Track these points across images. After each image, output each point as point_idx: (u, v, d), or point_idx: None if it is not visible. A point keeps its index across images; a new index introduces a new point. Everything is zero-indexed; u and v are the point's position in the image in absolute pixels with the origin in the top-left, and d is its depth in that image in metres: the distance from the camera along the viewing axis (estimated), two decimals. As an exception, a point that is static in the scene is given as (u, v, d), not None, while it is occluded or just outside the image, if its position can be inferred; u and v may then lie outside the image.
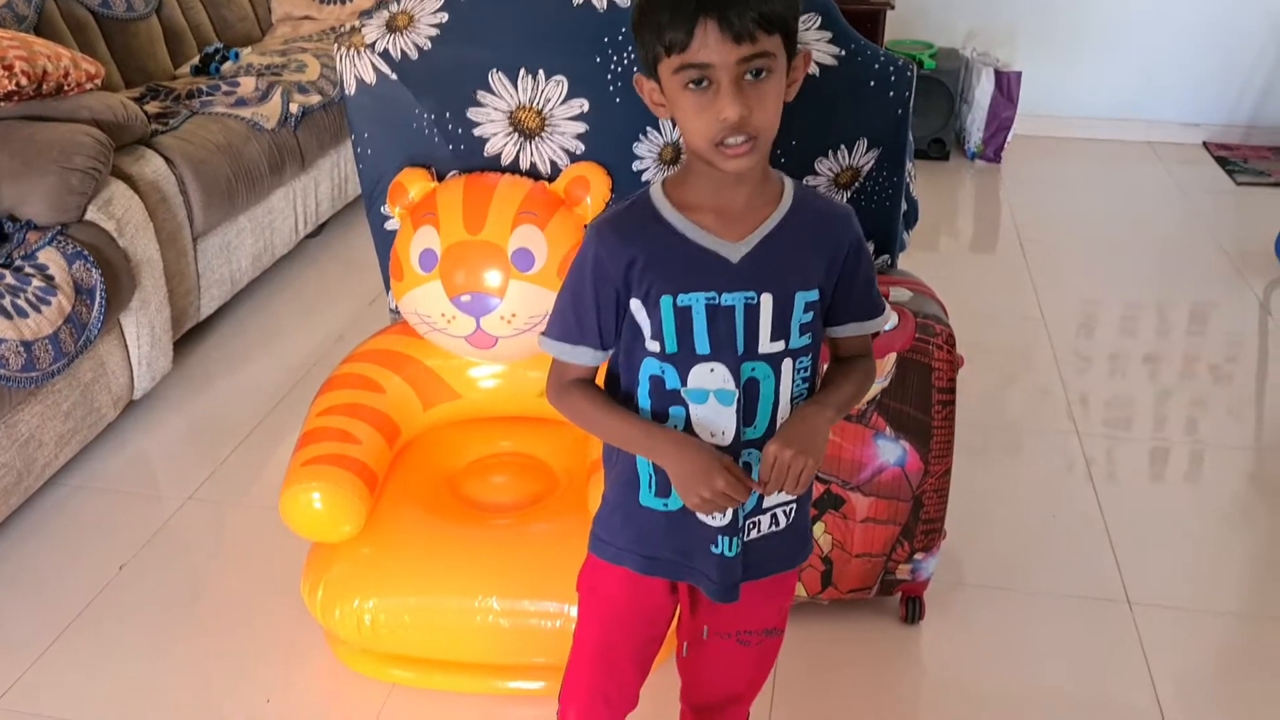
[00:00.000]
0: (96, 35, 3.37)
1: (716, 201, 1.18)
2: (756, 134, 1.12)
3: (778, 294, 1.19)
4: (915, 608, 2.00)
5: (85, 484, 2.43)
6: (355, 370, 1.99)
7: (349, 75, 1.90)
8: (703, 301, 1.17)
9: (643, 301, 1.19)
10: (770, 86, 1.12)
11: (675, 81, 1.11)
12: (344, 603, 1.76)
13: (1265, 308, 3.28)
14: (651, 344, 1.20)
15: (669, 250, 1.18)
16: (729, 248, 1.18)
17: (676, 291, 1.17)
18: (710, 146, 1.12)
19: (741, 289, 1.17)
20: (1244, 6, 4.45)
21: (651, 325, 1.19)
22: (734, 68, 1.08)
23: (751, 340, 1.19)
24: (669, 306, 1.17)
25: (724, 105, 1.09)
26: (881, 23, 4.27)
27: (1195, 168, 4.45)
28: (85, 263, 2.32)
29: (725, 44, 1.07)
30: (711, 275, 1.17)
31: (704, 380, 1.20)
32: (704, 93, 1.10)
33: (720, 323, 1.18)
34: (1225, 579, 2.18)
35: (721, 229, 1.18)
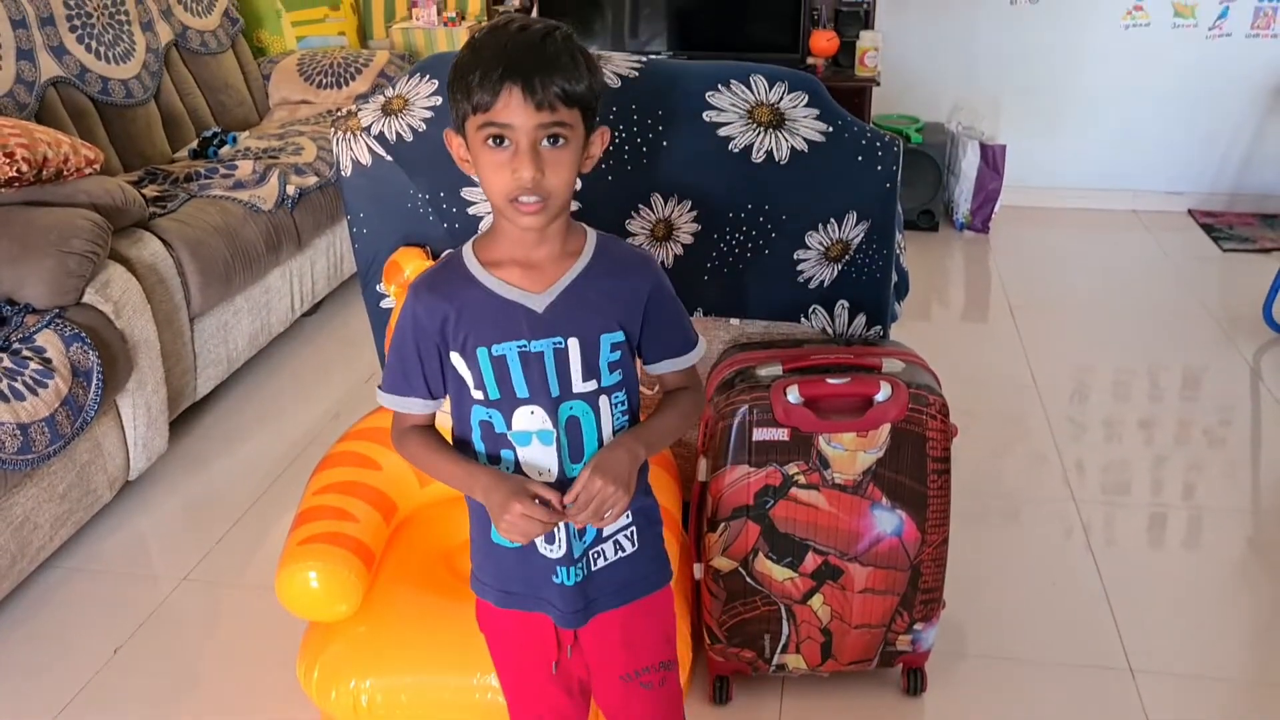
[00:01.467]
0: (96, 121, 3.43)
1: (520, 256, 1.27)
2: (548, 195, 1.20)
3: (583, 338, 1.28)
4: (917, 679, 1.99)
5: (80, 566, 2.41)
6: (351, 448, 2.00)
7: (345, 157, 1.94)
8: (515, 350, 1.26)
9: (461, 354, 1.28)
10: (565, 155, 1.21)
11: (478, 138, 1.20)
12: (340, 683, 1.74)
13: (1256, 372, 3.30)
14: (476, 392, 1.29)
15: (480, 305, 1.27)
16: (533, 299, 1.27)
17: (491, 343, 1.26)
18: (506, 202, 1.21)
19: (548, 335, 1.27)
20: (1223, 75, 4.54)
21: (473, 375, 1.28)
22: (532, 132, 1.18)
23: (565, 382, 1.28)
24: (485, 357, 1.27)
25: (519, 165, 1.18)
26: (868, 99, 4.35)
27: (1181, 235, 4.51)
28: (82, 345, 2.33)
29: (526, 109, 1.16)
30: (519, 325, 1.26)
31: (526, 423, 1.28)
32: (503, 151, 1.19)
33: (533, 368, 1.27)
34: (1226, 645, 2.17)
35: (526, 282, 1.27)
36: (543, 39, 1.19)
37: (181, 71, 3.92)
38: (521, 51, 1.18)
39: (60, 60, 3.33)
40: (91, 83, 3.43)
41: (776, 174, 1.82)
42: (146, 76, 3.67)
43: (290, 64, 4.37)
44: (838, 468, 1.78)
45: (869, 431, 1.76)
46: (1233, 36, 4.49)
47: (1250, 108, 4.58)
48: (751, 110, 1.81)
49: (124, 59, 3.59)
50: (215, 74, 4.09)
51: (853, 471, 1.78)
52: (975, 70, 4.69)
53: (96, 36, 3.49)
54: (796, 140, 1.80)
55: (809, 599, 1.85)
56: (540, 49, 1.18)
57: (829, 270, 1.93)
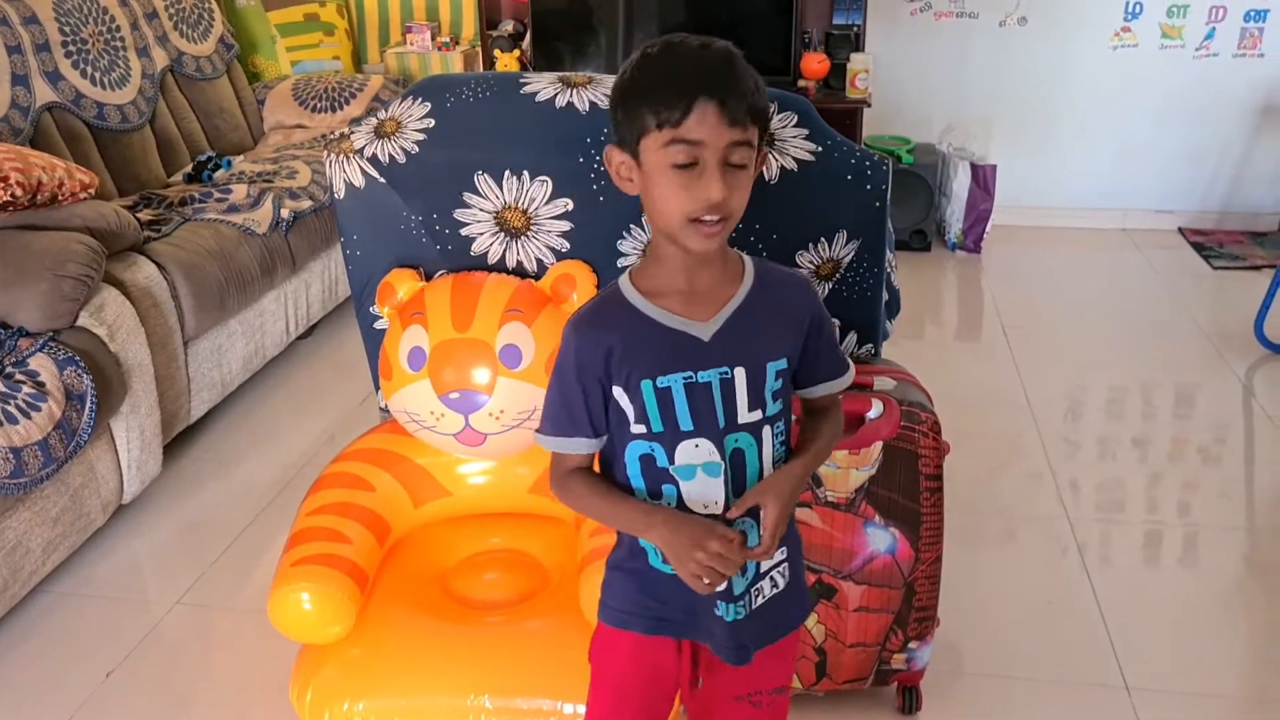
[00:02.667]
0: (91, 146, 3.44)
1: (683, 285, 1.23)
2: (729, 215, 1.17)
3: (750, 366, 1.24)
4: (912, 697, 1.98)
5: (73, 590, 2.40)
6: (345, 469, 2.00)
7: (338, 180, 1.94)
8: (681, 381, 1.22)
9: (624, 388, 1.23)
10: (746, 175, 1.17)
11: (661, 156, 1.15)
12: (333, 706, 1.74)
13: (1249, 389, 3.31)
14: (637, 427, 1.24)
15: (643, 337, 1.23)
16: (699, 327, 1.23)
17: (655, 375, 1.22)
18: (684, 223, 1.16)
19: (715, 365, 1.23)
20: (1211, 95, 4.58)
21: (635, 409, 1.24)
22: (723, 150, 1.14)
23: (731, 413, 1.24)
24: (650, 390, 1.22)
25: (710, 185, 1.14)
26: (859, 120, 4.37)
27: (1172, 253, 4.53)
28: (76, 368, 2.33)
29: (720, 126, 1.12)
30: (686, 355, 1.22)
31: (690, 456, 1.24)
32: (688, 171, 1.14)
33: (699, 399, 1.23)
34: (1222, 662, 2.16)
35: (690, 310, 1.23)
36: (729, 55, 1.16)
37: (177, 96, 3.93)
38: (713, 67, 1.14)
39: (55, 86, 3.34)
40: (87, 108, 3.44)
41: (767, 193, 1.83)
42: (142, 102, 3.69)
43: (285, 88, 4.39)
44: (830, 485, 1.78)
45: (861, 449, 1.76)
46: (1220, 57, 4.53)
47: (1238, 127, 4.61)
48: (742, 131, 1.82)
49: (119, 84, 3.60)
50: (210, 99, 4.10)
51: (845, 489, 1.78)
52: (966, 91, 4.72)
53: (92, 62, 3.51)
54: (786, 160, 1.81)
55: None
56: (730, 65, 1.15)
57: (820, 289, 1.94)
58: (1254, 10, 4.45)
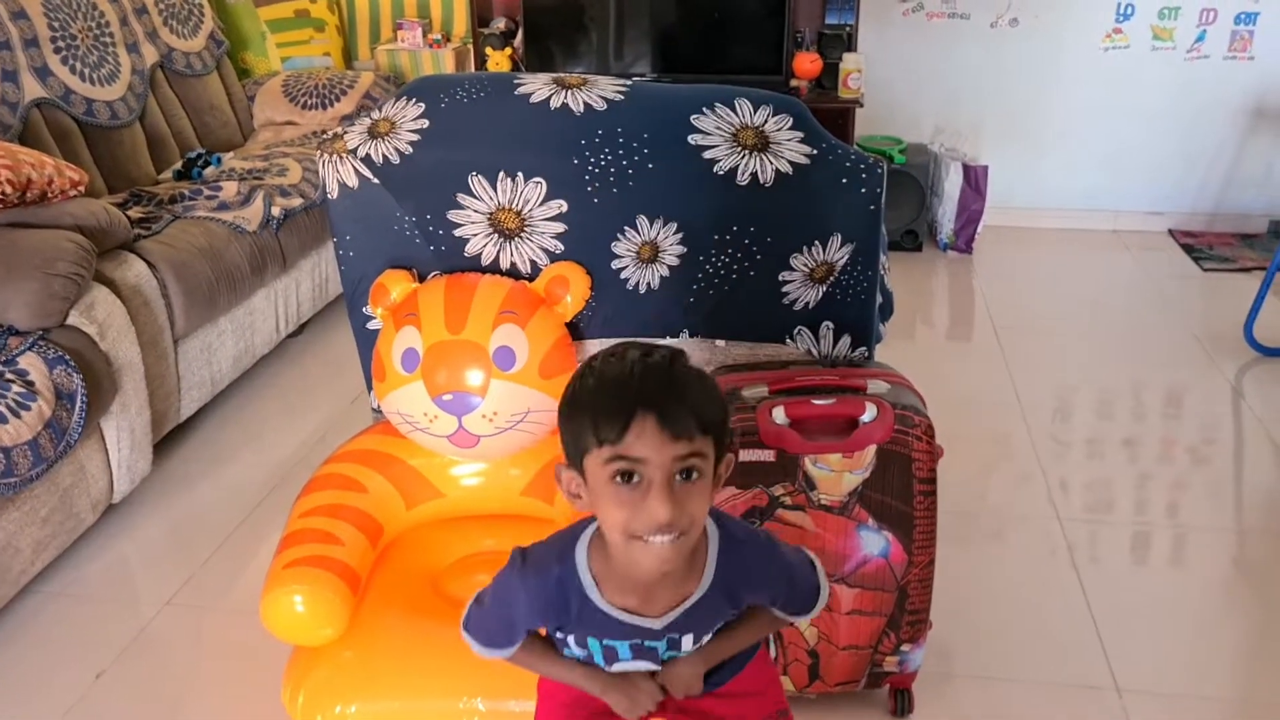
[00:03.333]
0: (80, 143, 3.42)
1: (637, 585, 1.20)
2: (684, 531, 1.11)
3: (699, 633, 1.26)
4: (904, 700, 1.99)
5: (62, 590, 2.39)
6: (337, 470, 1.99)
7: (331, 180, 1.94)
8: (628, 645, 1.25)
9: (568, 636, 1.27)
10: (700, 487, 1.10)
11: (603, 473, 1.09)
12: (326, 708, 1.73)
13: (1238, 391, 3.32)
14: (578, 651, 1.28)
15: (592, 616, 1.22)
16: (651, 622, 1.23)
17: (602, 638, 1.24)
18: (628, 540, 1.11)
19: (665, 637, 1.24)
20: (1202, 97, 4.59)
21: (577, 647, 1.28)
22: (668, 465, 1.07)
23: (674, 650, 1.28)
24: (596, 645, 1.26)
25: (655, 506, 1.07)
26: (851, 120, 4.38)
27: (1162, 255, 4.54)
28: (66, 367, 2.32)
29: (662, 441, 1.06)
30: (635, 633, 1.23)
31: (626, 667, 1.29)
32: (633, 489, 1.08)
33: (645, 652, 1.26)
34: (1212, 664, 2.17)
35: (643, 607, 1.22)
36: (670, 364, 1.10)
37: (167, 93, 3.91)
38: (651, 378, 1.08)
39: (44, 82, 3.32)
40: (76, 104, 3.42)
41: (761, 196, 1.83)
42: (131, 98, 3.67)
43: (275, 85, 4.37)
44: (824, 489, 1.78)
45: (855, 453, 1.76)
46: (1210, 59, 4.54)
47: (1229, 129, 4.63)
48: (736, 133, 1.82)
49: (109, 81, 3.58)
50: (200, 95, 4.09)
51: (839, 493, 1.78)
52: (957, 92, 4.73)
53: (81, 58, 3.49)
54: (781, 163, 1.81)
55: (796, 620, 1.85)
56: (670, 374, 1.09)
57: (814, 292, 1.94)
58: (1244, 13, 4.46)
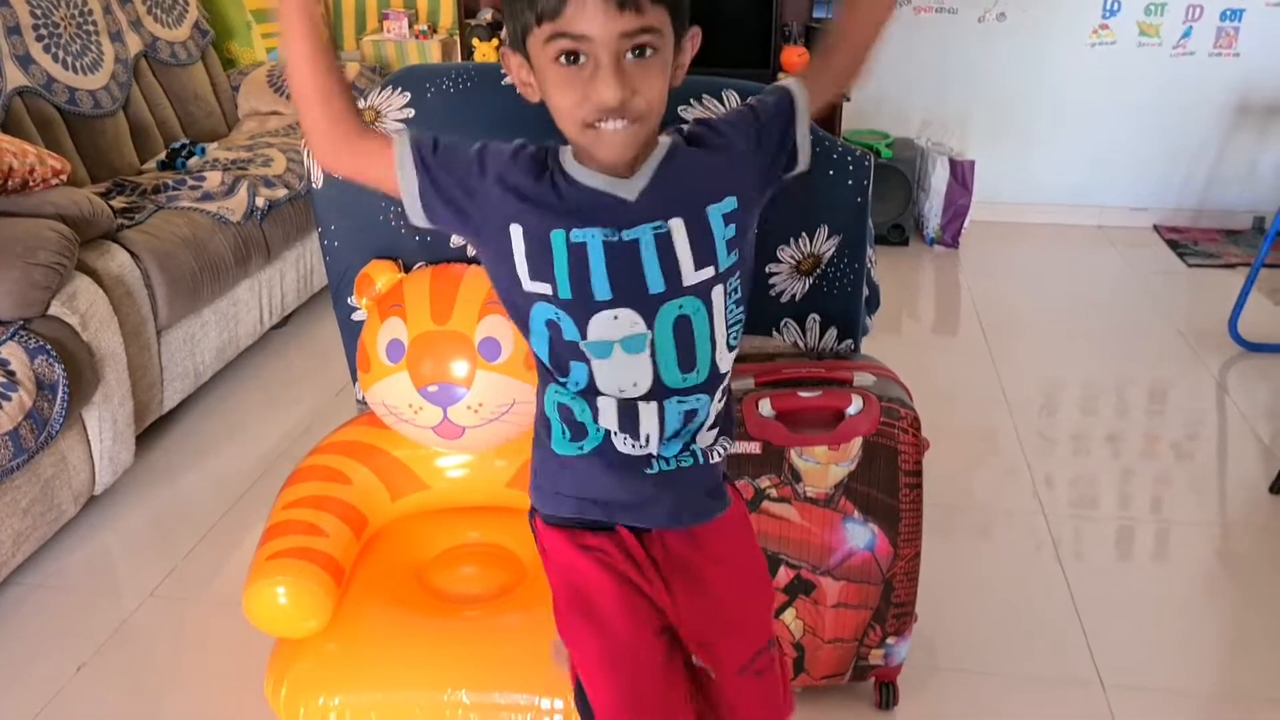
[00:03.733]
0: (63, 131, 3.39)
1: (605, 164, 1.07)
2: (639, 118, 1.01)
3: (689, 216, 1.07)
4: (889, 693, 1.99)
5: (43, 582, 2.37)
6: (322, 462, 1.98)
7: (316, 169, 1.92)
8: (599, 238, 1.05)
9: (526, 231, 1.06)
10: (654, 66, 1.00)
11: (546, 54, 0.99)
12: (308, 700, 1.72)
13: (1222, 386, 3.34)
14: (536, 285, 1.07)
15: (562, 189, 1.06)
16: (620, 185, 1.06)
17: (569, 226, 1.05)
18: (581, 128, 1.01)
19: (645, 220, 1.05)
20: (1187, 93, 4.61)
21: (532, 263, 1.06)
22: (615, 42, 0.97)
23: (673, 275, 1.07)
24: (561, 243, 1.05)
25: (601, 86, 0.97)
26: (839, 114, 4.38)
27: (1147, 250, 4.56)
28: (48, 358, 2.30)
29: (607, 12, 0.95)
30: (607, 213, 1.06)
31: (606, 330, 1.07)
32: (578, 69, 0.98)
33: (622, 261, 1.05)
34: (1196, 658, 2.18)
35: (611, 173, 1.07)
36: None
37: (150, 82, 3.88)
38: None
39: (26, 70, 3.29)
40: (59, 93, 3.39)
41: (749, 188, 1.83)
42: (115, 87, 3.64)
43: (260, 75, 4.35)
44: (809, 481, 1.78)
45: (841, 445, 1.76)
46: (1196, 55, 4.56)
47: (1214, 125, 4.64)
48: (724, 124, 1.81)
49: (92, 69, 3.55)
50: (184, 85, 4.06)
51: (825, 485, 1.78)
52: (944, 87, 4.74)
53: (64, 46, 3.46)
54: (769, 155, 1.81)
55: (781, 613, 1.85)
56: None
57: (800, 284, 1.94)
58: (1230, 10, 4.48)
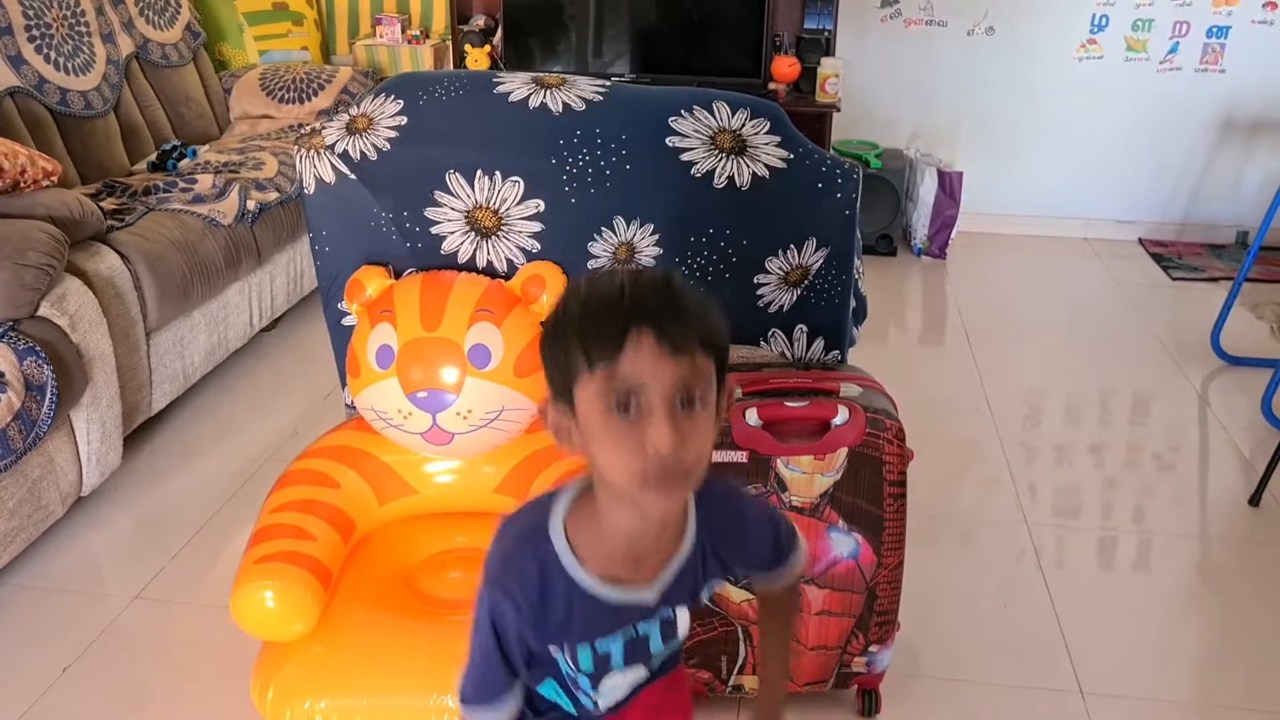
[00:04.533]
0: (54, 132, 3.39)
1: (623, 549, 1.07)
2: (689, 470, 0.97)
3: (694, 602, 1.15)
4: (872, 700, 2.00)
5: (29, 583, 2.37)
6: (310, 466, 1.99)
7: (308, 175, 1.93)
8: (621, 641, 1.12)
9: (558, 647, 1.11)
10: (703, 418, 0.97)
11: (596, 405, 0.95)
12: (295, 704, 1.73)
13: (1204, 399, 3.36)
14: (566, 666, 1.14)
15: (582, 609, 1.08)
16: (643, 593, 1.10)
17: (594, 639, 1.11)
18: (638, 487, 0.97)
19: (658, 614, 1.13)
20: (1173, 108, 4.65)
21: (567, 661, 1.13)
22: (669, 389, 0.94)
23: (670, 635, 1.17)
24: (587, 653, 1.12)
25: (656, 432, 0.93)
26: (828, 124, 4.40)
27: (1131, 263, 4.60)
28: (37, 359, 2.30)
29: (661, 359, 0.93)
30: (626, 618, 1.12)
31: (615, 684, 1.17)
32: (629, 422, 0.95)
33: (638, 646, 1.14)
34: (1176, 667, 2.20)
35: (633, 574, 1.09)
36: (667, 277, 0.97)
37: (142, 84, 3.89)
38: (645, 291, 0.95)
39: (18, 70, 3.29)
40: (50, 93, 3.39)
41: (738, 199, 1.85)
42: (106, 88, 3.64)
43: (252, 78, 4.35)
44: (795, 490, 1.79)
45: (826, 455, 1.78)
46: (1182, 71, 4.60)
47: (1199, 140, 4.69)
48: (714, 136, 1.83)
49: (84, 70, 3.56)
50: (176, 87, 4.06)
51: (810, 494, 1.80)
52: (933, 98, 4.77)
53: (56, 47, 3.46)
54: (758, 166, 1.83)
55: (766, 620, 1.86)
56: (667, 286, 0.96)
57: (788, 295, 1.95)
58: (1216, 27, 4.53)
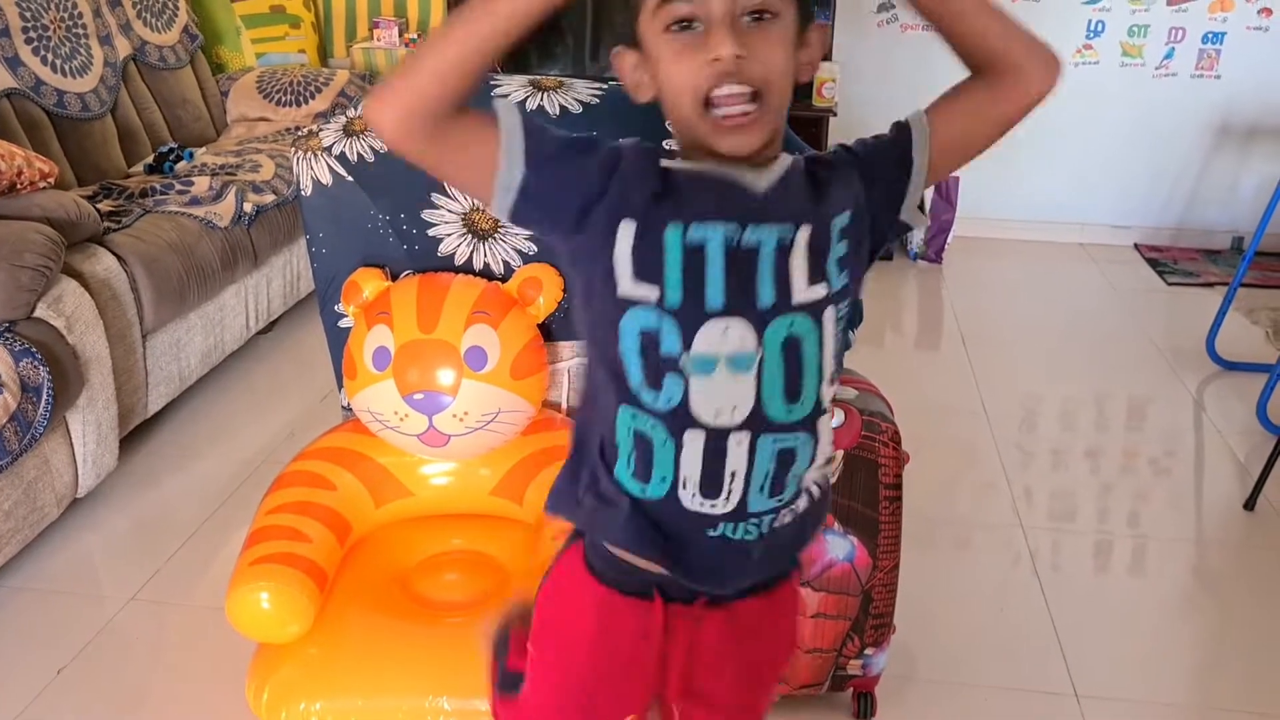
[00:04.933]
0: (51, 134, 3.39)
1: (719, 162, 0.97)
2: (760, 87, 0.90)
3: (816, 225, 0.96)
4: (867, 703, 2.00)
5: (24, 585, 2.37)
6: (306, 468, 1.99)
7: (305, 177, 1.94)
8: (720, 238, 0.93)
9: (641, 223, 0.93)
10: (773, 30, 0.91)
11: (656, 27, 0.91)
12: (290, 706, 1.73)
13: (1199, 404, 3.37)
14: (640, 289, 0.94)
15: (680, 178, 0.96)
16: (750, 175, 0.95)
17: (689, 219, 0.93)
18: (699, 109, 0.91)
19: (772, 221, 0.94)
20: (1169, 114, 4.66)
21: (639, 262, 0.93)
22: (730, 5, 0.89)
23: (784, 288, 0.95)
24: (676, 241, 0.93)
25: (716, 42, 0.88)
26: (825, 128, 4.41)
27: (1127, 268, 4.61)
28: (33, 360, 2.30)
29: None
30: (732, 204, 0.94)
31: (714, 344, 0.94)
32: (692, 36, 0.90)
33: (740, 266, 0.94)
34: (1171, 671, 2.21)
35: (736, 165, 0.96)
36: None
37: (139, 86, 3.89)
38: None
39: (15, 72, 3.29)
40: (47, 95, 3.39)
41: (735, 202, 1.85)
42: (103, 90, 3.64)
43: (249, 81, 4.36)
44: (791, 493, 1.79)
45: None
46: (1178, 76, 4.62)
47: (1195, 146, 4.70)
48: (711, 139, 1.83)
49: (81, 72, 3.56)
50: (173, 89, 4.06)
51: (806, 497, 1.80)
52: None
53: (53, 49, 3.46)
54: (755, 169, 1.83)
55: (761, 623, 1.87)
56: None
57: (785, 298, 1.96)
58: (1212, 33, 4.54)
